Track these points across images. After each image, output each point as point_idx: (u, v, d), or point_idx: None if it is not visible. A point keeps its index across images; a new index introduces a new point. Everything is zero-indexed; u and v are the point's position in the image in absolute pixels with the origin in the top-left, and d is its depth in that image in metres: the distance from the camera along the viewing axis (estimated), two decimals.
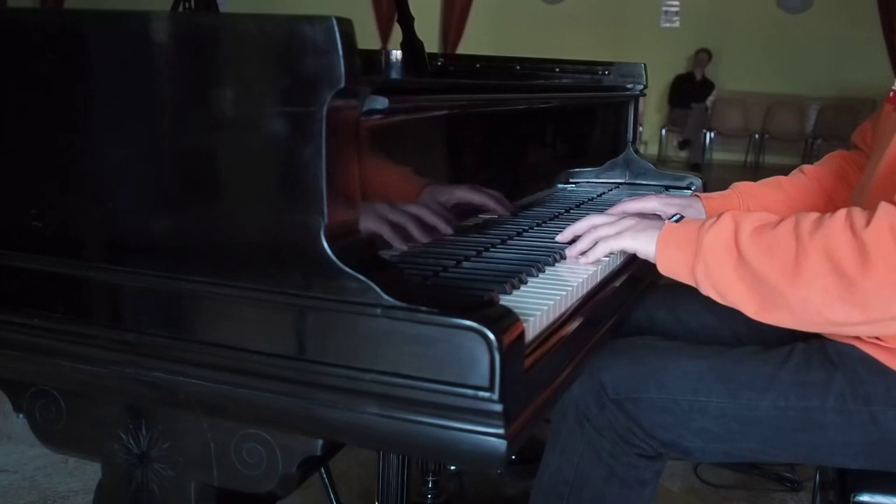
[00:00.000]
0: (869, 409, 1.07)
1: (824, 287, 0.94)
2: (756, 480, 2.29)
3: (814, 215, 0.99)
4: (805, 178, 1.44)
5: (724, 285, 1.02)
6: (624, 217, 1.16)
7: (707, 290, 1.04)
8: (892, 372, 1.08)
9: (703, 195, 1.43)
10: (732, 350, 1.17)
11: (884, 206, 0.93)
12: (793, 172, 1.47)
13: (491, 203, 1.31)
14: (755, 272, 0.99)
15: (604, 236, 1.14)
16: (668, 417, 1.11)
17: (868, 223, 0.93)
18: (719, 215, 1.05)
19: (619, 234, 1.13)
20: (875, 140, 1.19)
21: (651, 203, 1.37)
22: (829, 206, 1.38)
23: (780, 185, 1.43)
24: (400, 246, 1.02)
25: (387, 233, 1.00)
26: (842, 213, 0.96)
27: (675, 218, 1.12)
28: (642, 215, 1.28)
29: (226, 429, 0.90)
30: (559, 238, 1.20)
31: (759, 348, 1.17)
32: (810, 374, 1.10)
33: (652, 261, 1.10)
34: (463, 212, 1.21)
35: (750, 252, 0.99)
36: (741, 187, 1.44)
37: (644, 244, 1.10)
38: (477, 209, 1.27)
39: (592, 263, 1.13)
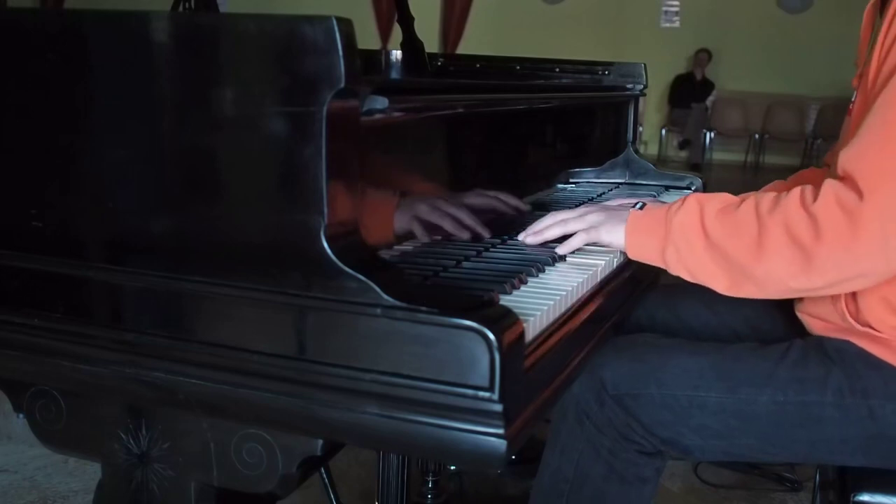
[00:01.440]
0: (867, 403, 1.08)
1: (786, 260, 1.01)
2: (756, 480, 2.29)
3: (771, 195, 1.06)
4: (779, 189, 1.47)
5: (694, 266, 1.08)
6: (589, 212, 1.20)
7: (678, 270, 1.10)
8: (889, 366, 1.09)
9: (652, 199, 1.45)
10: (731, 347, 1.18)
11: (829, 181, 1.02)
12: (766, 186, 1.50)
13: (499, 206, 1.32)
14: (722, 251, 1.05)
15: (575, 229, 1.18)
16: (668, 414, 1.12)
17: (816, 198, 1.01)
18: (684, 199, 1.11)
19: (592, 227, 1.17)
20: (837, 144, 1.24)
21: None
22: None
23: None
24: (399, 245, 1.02)
25: (387, 232, 1.00)
26: (796, 191, 1.04)
27: (637, 206, 1.18)
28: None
29: (226, 429, 0.90)
30: (521, 237, 1.22)
31: (757, 345, 1.18)
32: (808, 369, 1.11)
33: (622, 250, 1.15)
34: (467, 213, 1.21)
35: (716, 233, 1.06)
36: (700, 196, 1.46)
37: (615, 235, 1.15)
38: (483, 211, 1.27)
39: (579, 266, 1.14)
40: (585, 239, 1.17)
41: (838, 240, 0.98)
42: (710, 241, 1.06)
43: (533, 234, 1.20)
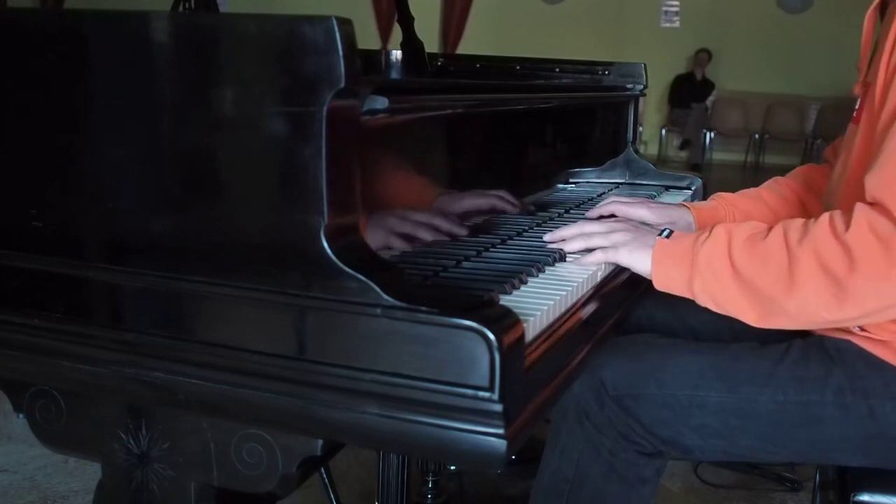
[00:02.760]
0: (867, 402, 1.08)
1: (818, 291, 0.99)
2: (756, 480, 2.29)
3: (799, 222, 1.04)
4: (781, 189, 1.48)
5: (721, 297, 1.06)
6: (616, 230, 1.17)
7: (705, 301, 1.08)
8: (889, 366, 1.09)
9: (690, 205, 1.44)
10: (731, 346, 1.18)
11: (860, 207, 0.99)
12: (767, 183, 1.50)
13: (499, 204, 1.32)
14: (751, 283, 1.03)
15: (598, 245, 1.15)
16: (668, 413, 1.12)
17: (848, 226, 0.98)
18: (711, 229, 1.08)
19: (614, 246, 1.14)
20: (842, 152, 1.23)
21: (641, 212, 1.37)
22: (803, 214, 1.42)
23: (760, 197, 1.47)
24: (400, 246, 1.02)
25: (387, 233, 1.00)
26: (825, 218, 1.01)
27: (664, 233, 1.13)
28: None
29: (226, 429, 0.90)
30: (547, 238, 1.21)
31: (757, 344, 1.17)
32: (808, 368, 1.11)
33: (647, 277, 1.12)
34: (466, 214, 1.21)
35: (744, 264, 1.04)
36: (726, 197, 1.47)
37: (640, 262, 1.12)
38: (482, 211, 1.27)
39: (579, 266, 1.13)
40: (603, 259, 1.14)
41: (875, 269, 0.96)
42: (738, 273, 1.04)
43: (557, 242, 1.19)
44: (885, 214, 0.96)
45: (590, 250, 1.16)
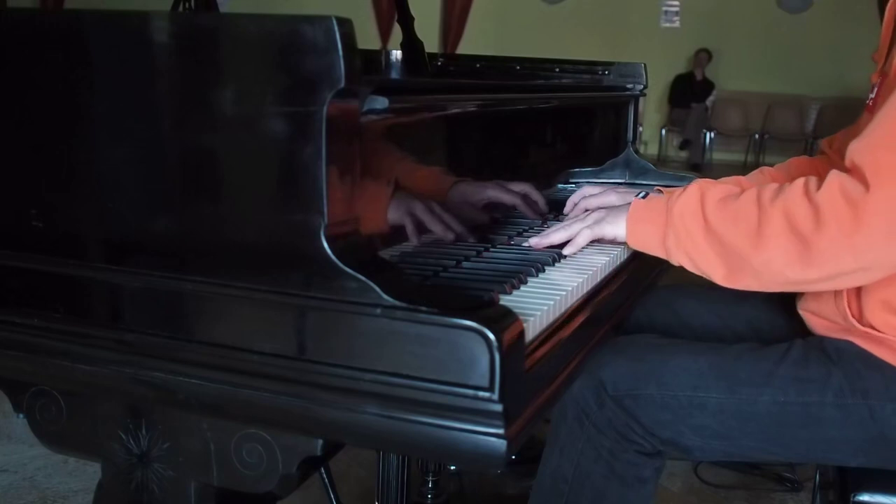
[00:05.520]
0: (867, 403, 1.08)
1: (784, 248, 1.00)
2: (756, 480, 2.29)
3: (774, 185, 1.04)
4: (762, 178, 1.47)
5: (694, 252, 1.07)
6: (591, 212, 1.21)
7: (679, 257, 1.09)
8: (890, 367, 1.09)
9: (665, 190, 1.43)
10: (732, 347, 1.18)
11: (834, 172, 1.00)
12: (752, 173, 1.50)
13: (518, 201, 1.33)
14: (721, 238, 1.04)
15: (578, 229, 1.19)
16: (668, 414, 1.12)
17: (819, 187, 0.99)
18: (686, 186, 1.10)
19: (595, 223, 1.18)
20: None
21: (610, 198, 1.38)
22: None
23: (739, 183, 1.44)
24: (400, 245, 1.03)
25: (387, 232, 1.00)
26: (800, 180, 1.02)
27: (640, 195, 1.17)
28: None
29: (226, 429, 0.90)
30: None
31: (757, 345, 1.17)
32: (808, 369, 1.11)
33: (625, 240, 1.15)
34: (469, 213, 1.21)
35: (716, 219, 1.05)
36: (702, 183, 1.45)
37: (617, 227, 1.16)
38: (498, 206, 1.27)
39: (579, 266, 1.14)
40: (590, 235, 1.18)
41: (840, 230, 0.96)
42: (710, 228, 1.05)
43: (538, 238, 1.21)
44: (860, 178, 0.96)
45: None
